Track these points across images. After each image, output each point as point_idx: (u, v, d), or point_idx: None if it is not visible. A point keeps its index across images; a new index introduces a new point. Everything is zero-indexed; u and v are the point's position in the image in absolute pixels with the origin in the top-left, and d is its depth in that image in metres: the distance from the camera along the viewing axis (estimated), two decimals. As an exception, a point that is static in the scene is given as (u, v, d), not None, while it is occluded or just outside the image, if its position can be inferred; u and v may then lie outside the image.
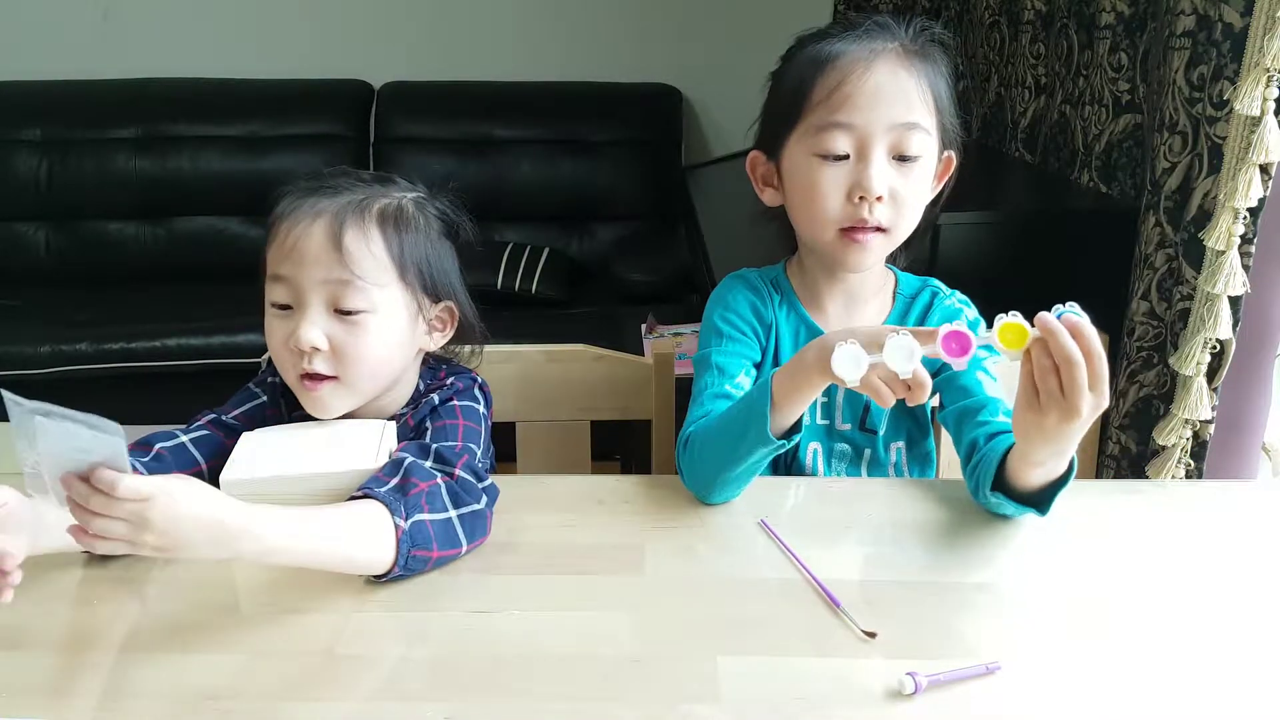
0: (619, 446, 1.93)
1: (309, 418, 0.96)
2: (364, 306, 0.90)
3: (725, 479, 0.92)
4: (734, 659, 0.72)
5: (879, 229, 0.95)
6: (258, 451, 0.90)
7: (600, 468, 1.24)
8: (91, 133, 2.94)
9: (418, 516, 0.81)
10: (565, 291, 2.80)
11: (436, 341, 1.00)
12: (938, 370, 1.01)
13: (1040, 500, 0.86)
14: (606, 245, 3.06)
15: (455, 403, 0.97)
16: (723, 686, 0.69)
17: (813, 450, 1.06)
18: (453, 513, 0.84)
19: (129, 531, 0.66)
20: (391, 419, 0.97)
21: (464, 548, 0.85)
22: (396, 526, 0.79)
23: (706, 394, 0.99)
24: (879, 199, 0.93)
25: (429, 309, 0.97)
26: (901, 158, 0.93)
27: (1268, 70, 1.13)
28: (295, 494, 0.86)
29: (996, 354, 0.78)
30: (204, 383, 2.54)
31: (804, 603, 0.79)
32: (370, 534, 0.79)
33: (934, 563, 0.86)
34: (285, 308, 0.91)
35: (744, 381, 1.01)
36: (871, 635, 0.74)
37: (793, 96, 0.95)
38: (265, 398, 1.00)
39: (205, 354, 2.56)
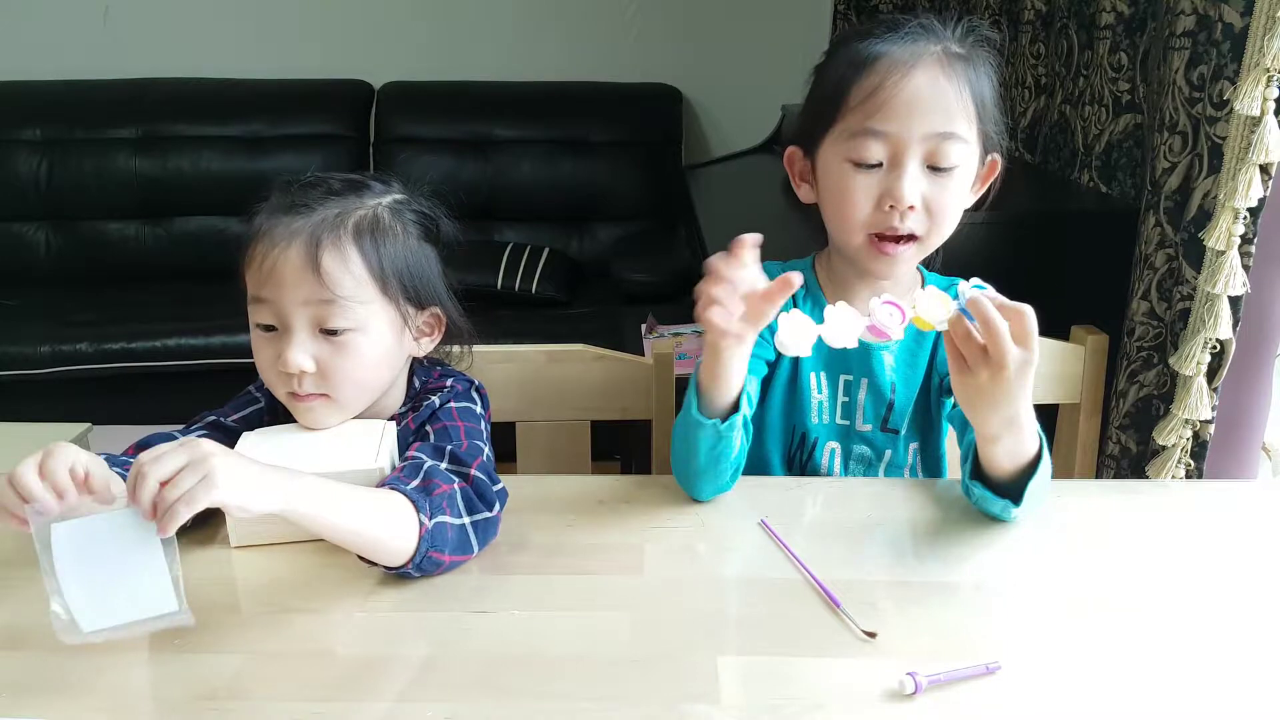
0: (619, 446, 1.93)
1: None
2: (349, 325, 0.89)
3: (695, 471, 0.93)
4: (734, 659, 0.72)
5: (911, 237, 0.94)
6: (258, 451, 0.90)
7: (600, 468, 1.24)
8: (91, 133, 2.94)
9: (440, 518, 0.81)
10: (565, 291, 2.81)
11: (425, 348, 0.99)
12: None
13: (1015, 490, 0.86)
14: (606, 245, 3.06)
15: (452, 405, 0.97)
16: (723, 686, 0.69)
17: (830, 450, 1.05)
18: (466, 519, 0.84)
19: (198, 479, 0.67)
20: (390, 419, 0.97)
21: (474, 554, 0.85)
22: (421, 524, 0.79)
23: None
24: (910, 208, 0.91)
25: (414, 317, 0.96)
26: (936, 167, 0.91)
27: (1268, 70, 1.13)
28: None
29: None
30: (204, 383, 2.55)
31: (804, 603, 0.79)
32: (399, 524, 0.79)
33: (934, 563, 0.86)
34: (270, 328, 0.91)
35: (750, 387, 0.99)
36: (871, 635, 0.74)
37: (830, 97, 0.94)
38: (263, 403, 1.00)
39: (205, 354, 2.56)
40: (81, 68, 3.05)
